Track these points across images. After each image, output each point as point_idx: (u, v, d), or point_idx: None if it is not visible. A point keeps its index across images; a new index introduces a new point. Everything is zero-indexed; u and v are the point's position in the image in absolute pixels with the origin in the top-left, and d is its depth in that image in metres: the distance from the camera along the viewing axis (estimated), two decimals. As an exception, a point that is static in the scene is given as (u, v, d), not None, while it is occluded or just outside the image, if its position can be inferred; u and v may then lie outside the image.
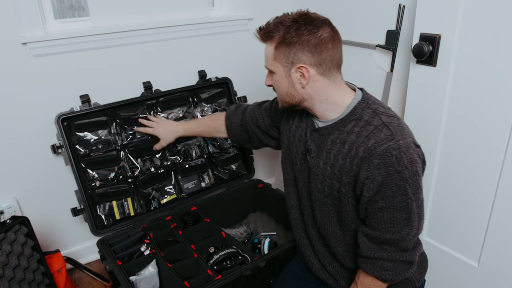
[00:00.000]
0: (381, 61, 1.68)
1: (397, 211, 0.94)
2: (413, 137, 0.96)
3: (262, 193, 1.97)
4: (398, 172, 0.90)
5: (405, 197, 0.93)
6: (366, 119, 0.97)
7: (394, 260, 1.00)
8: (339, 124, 1.01)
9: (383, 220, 0.96)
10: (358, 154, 0.95)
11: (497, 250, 1.33)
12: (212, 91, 1.95)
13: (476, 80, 1.26)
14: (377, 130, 0.94)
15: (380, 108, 1.00)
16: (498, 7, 1.15)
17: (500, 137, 1.23)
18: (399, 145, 0.90)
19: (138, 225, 1.66)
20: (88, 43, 1.66)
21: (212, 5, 2.07)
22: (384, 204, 0.94)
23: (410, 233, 0.96)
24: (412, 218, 0.95)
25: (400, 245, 0.98)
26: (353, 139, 0.97)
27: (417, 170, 0.93)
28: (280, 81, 1.04)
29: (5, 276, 1.28)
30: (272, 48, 1.01)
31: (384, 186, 0.92)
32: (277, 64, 1.02)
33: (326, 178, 1.04)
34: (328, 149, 1.03)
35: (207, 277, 1.36)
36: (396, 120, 0.97)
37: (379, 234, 0.98)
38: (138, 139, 1.74)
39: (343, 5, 1.82)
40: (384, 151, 0.91)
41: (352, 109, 1.00)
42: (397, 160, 0.90)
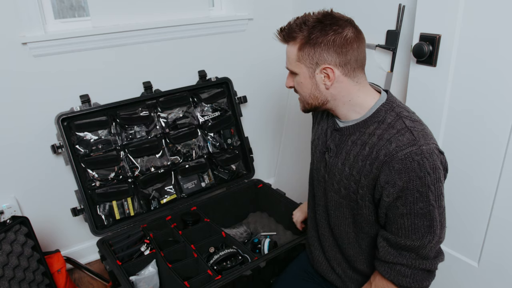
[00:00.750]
0: (381, 61, 1.68)
1: (418, 218, 0.92)
2: (436, 143, 0.95)
3: (262, 193, 1.97)
4: (419, 178, 0.89)
5: (427, 203, 0.91)
6: (389, 122, 0.96)
7: (413, 267, 0.97)
8: (361, 125, 0.99)
9: (404, 226, 0.94)
10: (379, 158, 0.93)
11: (497, 250, 1.33)
12: (212, 91, 1.95)
13: (476, 80, 1.26)
14: (399, 134, 0.92)
15: (404, 112, 0.98)
16: (498, 7, 1.15)
17: (500, 137, 1.23)
18: (422, 151, 0.89)
19: (138, 225, 1.66)
20: (88, 43, 1.66)
21: (212, 5, 2.07)
22: (405, 210, 0.92)
23: (432, 240, 0.94)
24: (434, 225, 0.93)
25: (420, 252, 0.96)
26: (374, 141, 0.95)
27: (440, 177, 0.91)
28: (303, 82, 1.01)
29: (5, 276, 1.28)
30: (295, 49, 0.98)
31: (405, 191, 0.90)
32: (300, 65, 0.99)
33: (344, 179, 1.03)
34: (348, 149, 1.01)
35: (207, 277, 1.36)
36: (420, 125, 0.96)
37: (400, 240, 0.96)
38: (138, 139, 1.74)
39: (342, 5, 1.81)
40: (405, 156, 0.89)
41: (375, 111, 0.98)
42: (419, 166, 0.88)
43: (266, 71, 2.22)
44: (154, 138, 1.78)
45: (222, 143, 1.96)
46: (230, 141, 1.98)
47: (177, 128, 1.84)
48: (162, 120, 1.81)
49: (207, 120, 1.93)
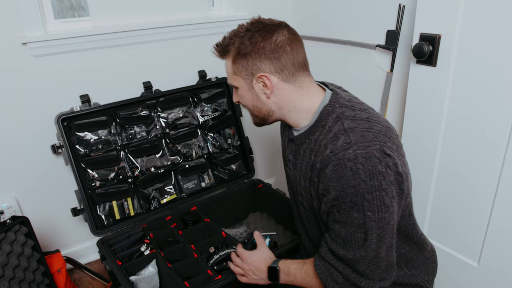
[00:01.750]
0: (381, 61, 1.68)
1: (353, 229, 0.85)
2: (383, 143, 0.84)
3: (262, 193, 1.97)
4: (353, 187, 0.80)
5: (362, 214, 0.82)
6: (329, 126, 0.89)
7: (346, 277, 0.90)
8: (309, 132, 0.94)
9: (340, 235, 0.88)
10: (316, 165, 0.88)
11: (497, 250, 1.33)
12: (212, 91, 1.95)
13: (476, 80, 1.26)
14: (335, 138, 0.86)
15: (348, 111, 0.90)
16: (498, 7, 1.15)
17: (500, 137, 1.23)
18: (356, 155, 0.80)
19: (138, 225, 1.66)
20: (88, 43, 1.66)
21: (212, 5, 2.07)
22: (341, 218, 0.86)
23: (365, 256, 0.85)
24: (369, 239, 0.84)
25: (355, 266, 0.88)
26: (317, 149, 0.90)
27: (380, 184, 0.81)
28: (244, 95, 0.98)
29: (5, 276, 1.28)
30: (230, 62, 0.96)
31: (338, 200, 0.84)
32: (238, 78, 0.96)
33: (302, 192, 0.98)
34: (301, 160, 0.96)
35: (207, 277, 1.36)
36: (364, 123, 0.87)
37: (335, 248, 0.89)
38: (138, 139, 1.74)
39: (343, 5, 1.82)
40: (337, 162, 0.82)
41: (319, 116, 0.92)
42: (351, 173, 0.80)
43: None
44: (154, 138, 1.78)
45: (222, 143, 1.96)
46: (230, 141, 1.98)
47: (177, 128, 1.84)
48: (162, 120, 1.81)
49: (207, 120, 1.93)
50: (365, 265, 0.87)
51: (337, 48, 1.88)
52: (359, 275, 0.89)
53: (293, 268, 1.04)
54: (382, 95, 1.70)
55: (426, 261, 1.09)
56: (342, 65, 1.87)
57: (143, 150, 1.74)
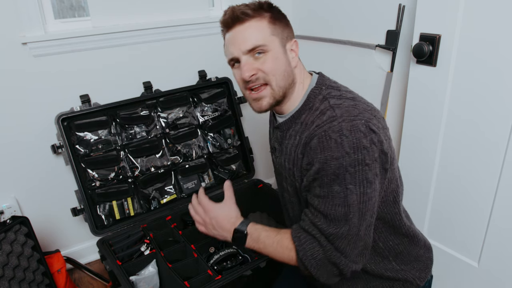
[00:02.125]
0: (381, 61, 1.68)
1: (335, 202, 0.82)
2: (369, 119, 0.82)
3: (262, 193, 1.97)
4: (336, 158, 0.79)
5: (344, 187, 0.80)
6: (316, 106, 0.89)
7: (326, 254, 0.85)
8: (295, 116, 0.94)
9: (320, 209, 0.85)
10: (301, 141, 0.87)
11: (497, 250, 1.33)
12: (212, 91, 1.95)
13: (476, 80, 1.26)
14: (321, 113, 0.85)
15: (333, 91, 0.90)
16: (498, 7, 1.15)
17: (500, 137, 1.23)
18: (341, 127, 0.79)
19: (138, 225, 1.66)
20: (88, 43, 1.66)
21: (212, 5, 2.07)
22: (321, 192, 0.83)
23: (348, 233, 0.83)
24: (350, 213, 0.82)
25: (336, 243, 0.84)
26: (303, 128, 0.90)
27: (365, 159, 0.79)
28: (279, 58, 0.90)
29: (5, 276, 1.28)
30: (265, 22, 0.89)
31: (321, 172, 0.82)
32: (274, 39, 0.90)
33: (287, 176, 0.96)
34: (286, 144, 0.95)
35: (207, 277, 1.36)
36: (350, 101, 0.86)
37: (318, 221, 0.85)
38: (138, 139, 1.74)
39: (343, 5, 1.82)
40: (322, 134, 0.81)
41: (306, 99, 0.92)
42: (336, 144, 0.79)
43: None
44: (154, 138, 1.78)
45: (222, 143, 1.96)
46: (230, 141, 1.98)
47: (177, 128, 1.84)
48: (162, 120, 1.81)
49: (207, 120, 1.93)
50: (346, 242, 0.85)
51: (337, 48, 1.88)
52: (339, 253, 0.85)
53: (263, 236, 0.96)
54: (382, 95, 1.70)
55: (420, 258, 1.05)
56: (342, 65, 1.87)
57: (143, 150, 1.74)
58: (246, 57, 0.90)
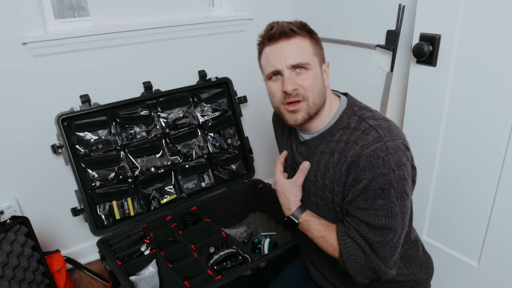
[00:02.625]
0: (381, 61, 1.68)
1: (378, 213, 0.90)
2: (404, 138, 0.92)
3: (262, 193, 1.97)
4: (383, 175, 0.87)
5: (388, 201, 0.89)
6: (353, 126, 0.96)
7: (368, 260, 0.93)
8: (326, 134, 0.99)
9: (363, 220, 0.92)
10: (347, 160, 0.93)
11: (497, 250, 1.33)
12: (212, 91, 1.95)
13: (476, 80, 1.26)
14: (364, 134, 0.92)
15: (367, 113, 0.97)
16: (498, 7, 1.15)
17: (500, 137, 1.23)
18: (387, 147, 0.88)
19: (138, 225, 1.66)
20: (88, 43, 1.66)
21: (212, 5, 2.07)
22: (365, 205, 0.91)
23: (393, 238, 0.91)
24: (394, 223, 0.90)
25: (379, 250, 0.92)
26: (342, 147, 0.95)
27: (404, 175, 0.89)
28: (318, 76, 0.96)
29: (5, 276, 1.28)
30: (307, 42, 0.95)
31: (367, 188, 0.89)
32: (315, 59, 0.96)
33: (318, 190, 1.02)
34: (317, 160, 1.01)
35: (207, 277, 1.36)
36: (385, 122, 0.94)
37: (363, 230, 0.93)
38: (138, 139, 1.74)
39: (343, 5, 1.82)
40: (371, 153, 0.88)
41: (339, 118, 0.98)
42: (383, 163, 0.87)
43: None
44: (154, 138, 1.78)
45: (222, 143, 1.96)
46: (230, 141, 1.98)
47: (177, 128, 1.84)
48: (162, 120, 1.81)
49: (207, 120, 1.93)
50: (388, 249, 0.92)
51: (337, 48, 1.88)
52: (380, 261, 0.93)
53: (313, 229, 1.02)
54: (382, 95, 1.70)
55: (423, 260, 1.13)
56: (342, 65, 1.87)
57: (143, 150, 1.74)
58: (289, 72, 0.94)
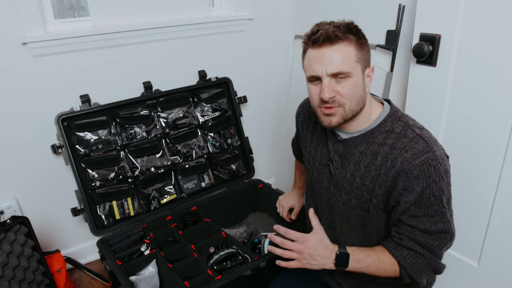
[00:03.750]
0: (381, 61, 1.68)
1: (435, 219, 0.96)
2: (443, 148, 0.98)
3: (262, 193, 1.97)
4: (435, 182, 0.92)
5: (440, 206, 0.95)
6: (398, 132, 0.98)
7: (428, 262, 0.99)
8: (367, 136, 1.01)
9: (419, 227, 0.97)
10: (395, 166, 0.95)
11: (497, 250, 1.33)
12: (212, 91, 1.95)
13: (476, 80, 1.26)
14: (413, 142, 0.95)
15: (410, 121, 1.01)
16: (498, 7, 1.15)
17: (500, 137, 1.23)
18: (436, 156, 0.93)
19: (138, 225, 1.66)
20: (88, 43, 1.66)
21: (212, 5, 2.07)
22: (419, 213, 0.95)
23: (450, 240, 0.99)
24: (448, 227, 0.97)
25: (437, 251, 0.99)
26: (387, 150, 0.97)
27: (450, 181, 0.97)
28: (359, 84, 0.96)
29: (5, 276, 1.28)
30: (352, 48, 0.93)
31: (421, 196, 0.93)
32: (358, 66, 0.95)
33: (355, 189, 1.03)
34: (357, 160, 1.02)
35: (207, 277, 1.36)
36: (427, 132, 0.99)
37: (420, 237, 0.97)
38: (138, 139, 1.74)
39: (343, 5, 1.82)
40: (423, 162, 0.92)
41: (382, 121, 1.00)
42: (435, 171, 0.92)
43: (266, 71, 2.22)
44: (154, 138, 1.78)
45: (222, 143, 1.96)
46: (230, 141, 1.98)
47: (177, 128, 1.84)
48: (162, 120, 1.81)
49: (207, 120, 1.93)
50: (445, 249, 1.00)
51: (337, 48, 1.87)
52: (439, 259, 1.01)
53: (364, 255, 1.02)
54: (382, 95, 1.70)
55: None
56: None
57: (143, 150, 1.74)
58: (328, 79, 0.94)
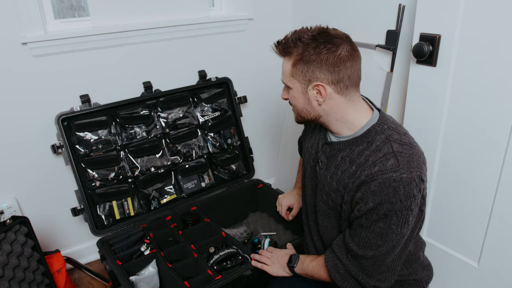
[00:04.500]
0: (381, 61, 1.68)
1: (374, 234, 0.96)
2: (421, 170, 0.94)
3: (262, 193, 1.97)
4: (390, 203, 0.91)
5: (387, 226, 0.94)
6: (377, 145, 0.97)
7: (347, 269, 1.03)
8: (351, 143, 1.01)
9: (360, 235, 0.99)
10: (361, 177, 0.96)
11: (497, 250, 1.33)
12: (212, 91, 1.95)
13: (476, 80, 1.26)
14: (384, 158, 0.94)
15: (395, 134, 0.98)
16: (498, 7, 1.15)
17: (500, 137, 1.23)
18: (401, 179, 0.90)
19: (138, 225, 1.66)
20: (88, 43, 1.66)
21: (212, 5, 2.07)
22: (366, 223, 0.97)
23: (373, 257, 0.98)
24: (384, 246, 0.96)
25: (361, 261, 1.01)
26: (361, 162, 0.98)
27: (411, 205, 0.93)
28: (296, 97, 1.03)
29: (5, 276, 1.28)
30: (289, 64, 0.99)
31: (373, 210, 0.94)
32: (294, 81, 1.01)
33: (331, 192, 1.06)
34: (337, 164, 1.04)
35: (207, 277, 1.36)
36: (409, 149, 0.96)
37: (350, 243, 1.01)
38: (138, 139, 1.74)
39: (343, 5, 1.82)
40: (384, 181, 0.91)
41: (366, 131, 0.99)
42: (393, 192, 0.90)
43: (266, 71, 2.22)
44: (154, 138, 1.78)
45: (222, 143, 1.96)
46: (230, 141, 1.98)
47: (177, 128, 1.84)
48: (162, 120, 1.81)
49: (207, 120, 1.93)
50: (370, 264, 1.00)
51: (337, 48, 1.87)
52: (360, 270, 1.02)
53: (307, 261, 1.18)
54: (382, 95, 1.70)
55: (425, 267, 1.17)
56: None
57: (143, 150, 1.74)
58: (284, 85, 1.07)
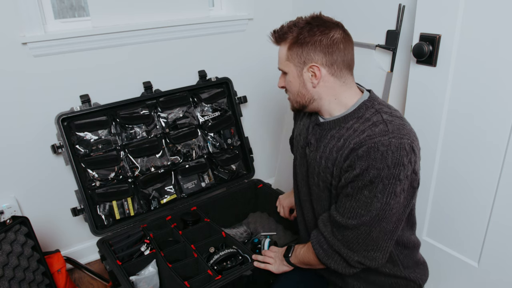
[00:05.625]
0: (381, 61, 1.68)
1: (359, 204, 0.94)
2: (413, 140, 0.92)
3: (262, 193, 1.97)
4: (377, 169, 0.89)
5: (373, 194, 0.91)
6: (367, 117, 0.98)
7: (330, 244, 1.02)
8: (341, 120, 1.02)
9: (345, 205, 0.98)
10: (349, 146, 0.96)
11: (497, 250, 1.33)
12: (212, 91, 1.95)
13: (476, 80, 1.26)
14: (373, 125, 0.94)
15: (385, 108, 1.00)
16: (498, 7, 1.15)
17: (500, 137, 1.23)
18: (390, 143, 0.89)
19: (138, 225, 1.66)
20: (88, 43, 1.66)
21: (212, 5, 2.07)
22: (351, 191, 0.95)
23: (357, 228, 0.96)
24: (367, 215, 0.93)
25: (343, 233, 0.98)
26: (350, 134, 0.98)
27: (399, 175, 0.89)
28: (292, 81, 1.05)
29: (5, 276, 1.28)
30: (285, 49, 1.03)
31: (359, 177, 0.92)
32: (289, 64, 1.03)
33: (321, 172, 1.06)
34: (326, 143, 1.04)
35: (207, 277, 1.36)
36: (400, 120, 0.96)
37: (335, 214, 1.00)
38: (138, 139, 1.74)
39: (343, 5, 1.82)
40: (372, 145, 0.90)
41: (356, 108, 1.00)
42: (381, 157, 0.88)
43: (266, 71, 2.22)
44: (154, 138, 1.78)
45: (222, 143, 1.96)
46: (230, 141, 1.98)
47: (177, 128, 1.84)
48: (162, 120, 1.81)
49: (207, 120, 1.93)
50: (354, 236, 0.97)
51: (337, 48, 1.87)
52: (342, 244, 1.00)
53: (299, 248, 1.20)
54: (382, 95, 1.70)
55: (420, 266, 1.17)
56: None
57: (143, 150, 1.74)
58: (281, 73, 1.10)
